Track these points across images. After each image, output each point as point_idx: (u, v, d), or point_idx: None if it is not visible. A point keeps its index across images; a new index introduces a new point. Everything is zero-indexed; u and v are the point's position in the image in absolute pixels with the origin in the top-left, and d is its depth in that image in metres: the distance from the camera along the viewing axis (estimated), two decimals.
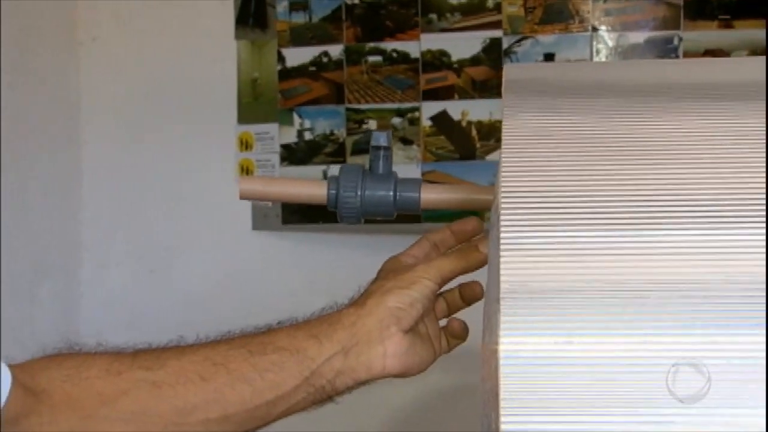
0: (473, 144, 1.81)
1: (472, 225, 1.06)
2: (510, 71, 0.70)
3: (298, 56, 1.94)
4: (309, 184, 0.86)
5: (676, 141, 0.60)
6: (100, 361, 1.04)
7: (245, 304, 2.03)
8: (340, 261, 2.02)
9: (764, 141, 0.58)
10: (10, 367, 0.98)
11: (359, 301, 1.05)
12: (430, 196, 0.82)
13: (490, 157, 1.81)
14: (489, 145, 1.81)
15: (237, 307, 2.04)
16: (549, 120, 0.62)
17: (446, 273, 1.03)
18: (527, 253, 0.56)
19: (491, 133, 1.82)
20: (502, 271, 0.56)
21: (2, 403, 0.96)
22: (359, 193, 0.83)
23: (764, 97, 0.61)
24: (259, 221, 2.00)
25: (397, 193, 0.83)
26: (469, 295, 1.07)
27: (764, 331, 0.53)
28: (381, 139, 0.85)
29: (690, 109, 0.62)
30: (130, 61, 2.08)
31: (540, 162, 0.60)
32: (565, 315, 0.55)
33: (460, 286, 1.07)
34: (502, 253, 0.56)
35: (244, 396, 1.02)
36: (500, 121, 1.83)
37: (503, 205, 0.58)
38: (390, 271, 1.07)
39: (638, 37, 1.78)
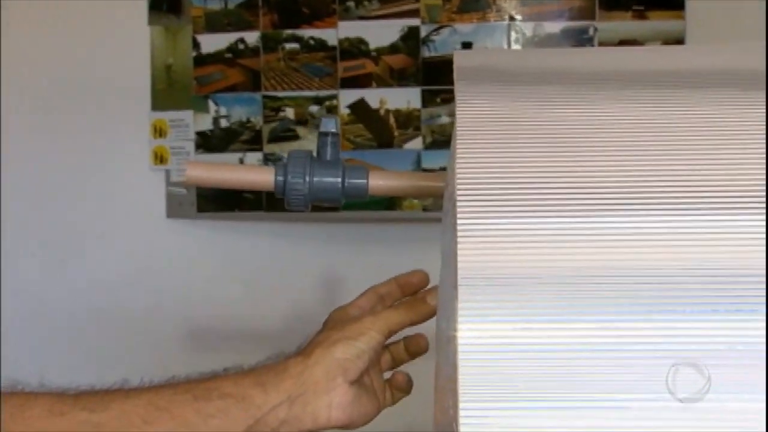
0: (391, 132, 1.80)
1: (418, 277, 1.09)
2: (460, 58, 0.68)
3: (213, 43, 1.91)
4: (256, 170, 0.84)
5: (632, 129, 0.59)
6: (42, 401, 1.03)
7: (159, 293, 2.03)
8: (255, 249, 2.00)
9: (719, 129, 0.58)
10: None
11: (306, 350, 1.04)
12: (378, 182, 0.80)
13: (408, 145, 1.80)
14: (407, 133, 1.81)
15: (151, 296, 2.03)
16: (503, 107, 0.61)
17: (393, 325, 1.03)
18: (484, 240, 0.55)
19: (409, 121, 1.81)
20: (459, 258, 0.54)
21: None
22: (307, 179, 0.80)
23: (717, 85, 0.60)
24: (174, 209, 1.97)
25: (346, 180, 0.81)
26: (414, 349, 1.08)
27: (721, 317, 0.53)
28: (330, 125, 0.83)
29: (646, 97, 0.61)
30: (42, 47, 2.03)
31: (495, 150, 0.58)
32: (523, 301, 0.54)
33: (405, 339, 1.08)
34: (459, 240, 0.55)
35: None
36: (418, 110, 1.84)
37: (459, 192, 0.56)
38: (337, 322, 1.07)
39: (554, 27, 1.79)
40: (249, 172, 0.86)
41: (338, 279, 1.96)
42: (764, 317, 0.52)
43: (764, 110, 0.59)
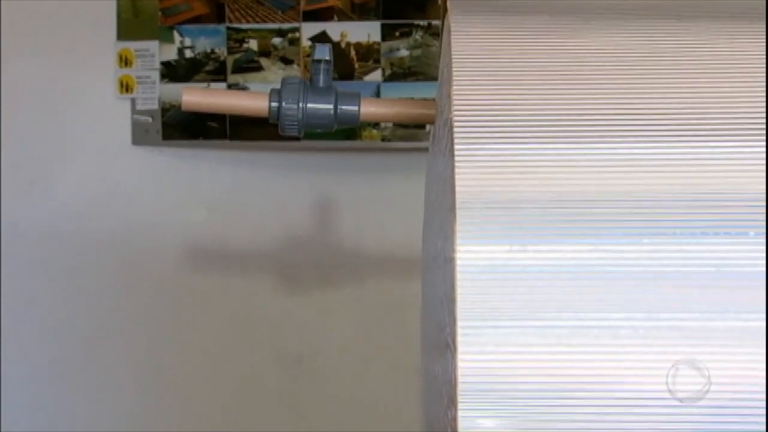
0: (352, 64, 1.77)
1: None
2: None
3: None
4: (250, 96, 0.81)
5: (626, 57, 0.58)
6: None
7: (124, 217, 2.00)
8: (217, 175, 1.98)
9: (712, 58, 0.57)
10: None
11: None
12: (370, 109, 0.78)
13: (368, 77, 1.78)
14: (367, 66, 1.78)
15: (115, 219, 2.00)
16: (497, 36, 0.59)
17: None
18: (481, 164, 0.54)
19: (369, 54, 1.78)
20: (457, 183, 0.53)
21: None
22: (301, 105, 0.78)
23: (712, 17, 0.59)
24: (140, 137, 1.92)
25: (338, 107, 0.79)
26: None
27: (709, 240, 0.52)
28: (323, 52, 0.80)
29: (641, 27, 0.60)
30: None
31: (491, 77, 0.57)
32: (519, 224, 0.53)
33: None
34: (456, 165, 0.54)
35: None
36: (378, 43, 1.81)
37: (456, 118, 0.55)
38: None
39: None
40: (243, 97, 0.84)
41: (298, 205, 1.96)
42: (751, 240, 0.52)
43: (763, 41, 0.58)
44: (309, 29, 1.81)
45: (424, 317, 0.81)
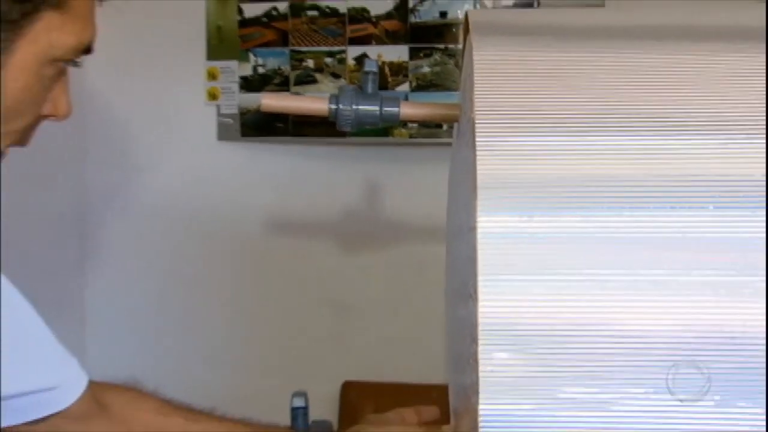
0: (386, 79, 1.75)
1: (431, 414, 1.04)
2: (473, 14, 0.64)
3: (253, 10, 1.83)
4: (315, 101, 0.79)
5: (627, 68, 0.56)
6: (153, 402, 1.03)
7: (211, 197, 2.01)
8: (283, 164, 1.97)
9: (707, 71, 0.54)
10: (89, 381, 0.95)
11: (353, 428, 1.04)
12: (407, 110, 0.76)
13: (399, 88, 1.76)
14: (398, 79, 1.75)
15: (204, 199, 2.01)
16: (511, 51, 0.57)
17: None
18: (497, 153, 0.52)
19: (399, 70, 1.75)
20: (478, 168, 0.52)
21: (75, 399, 0.95)
22: (354, 107, 0.77)
23: (712, 39, 0.57)
24: (223, 134, 1.91)
25: (383, 108, 0.78)
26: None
27: (676, 212, 0.50)
28: (372, 65, 0.78)
29: (645, 46, 0.58)
30: (128, 14, 1.96)
31: (505, 83, 0.55)
32: (528, 200, 0.51)
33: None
34: (478, 154, 0.52)
35: None
36: (406, 62, 1.78)
37: (478, 117, 0.53)
38: (373, 417, 1.06)
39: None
40: (309, 101, 0.82)
41: (345, 186, 1.95)
42: (710, 212, 0.50)
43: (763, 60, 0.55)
44: (353, 51, 1.78)
45: (449, 277, 0.79)
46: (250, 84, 1.85)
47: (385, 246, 1.96)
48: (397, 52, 1.75)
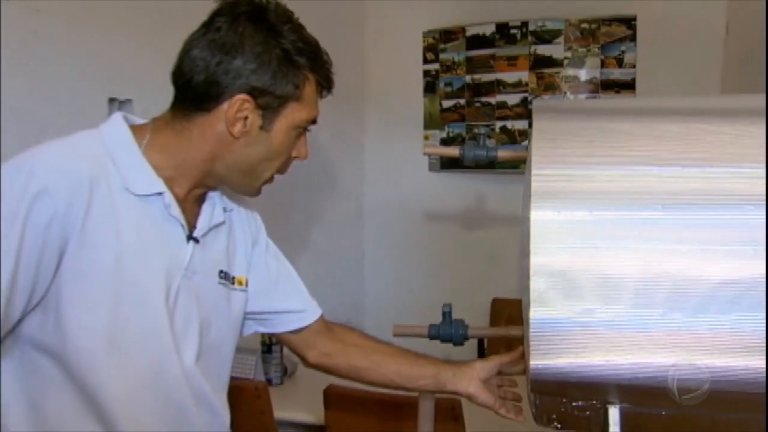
0: (516, 138, 2.76)
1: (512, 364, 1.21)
2: (537, 102, 0.89)
3: (449, 103, 2.88)
4: (452, 149, 1.15)
5: (649, 136, 0.78)
6: (358, 331, 1.21)
7: (421, 204, 2.94)
8: (469, 188, 2.86)
9: (730, 141, 0.76)
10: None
11: (466, 363, 1.20)
12: (501, 154, 1.07)
13: (525, 142, 2.35)
14: (522, 139, 2.76)
15: (419, 206, 2.92)
16: (565, 123, 0.80)
17: (500, 367, 1.20)
18: (545, 176, 0.79)
19: (522, 134, 2.77)
20: (532, 184, 0.78)
21: (314, 320, 1.16)
22: (472, 153, 1.07)
23: (731, 117, 0.80)
24: (431, 167, 2.96)
25: (487, 153, 1.07)
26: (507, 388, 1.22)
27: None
28: (481, 136, 1.60)
29: (670, 120, 0.80)
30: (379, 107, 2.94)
31: (555, 138, 0.79)
32: (564, 202, 0.79)
33: (501, 379, 1.23)
34: (533, 177, 0.79)
35: (424, 378, 1.19)
36: (526, 129, 3.03)
37: (535, 157, 0.79)
38: (476, 360, 1.21)
39: None
40: (449, 150, 1.16)
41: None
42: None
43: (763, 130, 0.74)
44: (498, 123, 2.80)
45: (521, 248, 0.93)
46: (444, 142, 2.92)
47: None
48: (522, 125, 2.82)
